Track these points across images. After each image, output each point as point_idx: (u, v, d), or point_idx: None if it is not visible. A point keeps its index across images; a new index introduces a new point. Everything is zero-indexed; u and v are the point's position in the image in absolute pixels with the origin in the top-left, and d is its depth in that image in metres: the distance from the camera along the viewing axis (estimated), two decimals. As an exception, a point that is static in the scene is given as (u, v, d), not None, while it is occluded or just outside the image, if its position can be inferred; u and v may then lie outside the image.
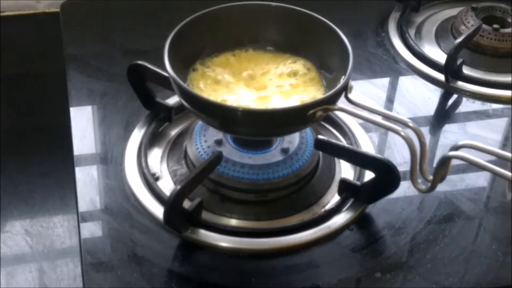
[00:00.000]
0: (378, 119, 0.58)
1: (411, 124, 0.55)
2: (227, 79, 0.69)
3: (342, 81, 0.62)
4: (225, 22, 0.71)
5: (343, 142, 0.75)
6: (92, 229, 0.67)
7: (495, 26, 0.90)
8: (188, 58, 0.70)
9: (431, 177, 0.54)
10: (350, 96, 0.62)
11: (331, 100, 0.61)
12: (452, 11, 0.98)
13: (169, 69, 0.63)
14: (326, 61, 0.70)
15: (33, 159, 0.88)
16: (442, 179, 0.53)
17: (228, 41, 0.71)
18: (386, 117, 0.58)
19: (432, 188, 0.54)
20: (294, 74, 0.70)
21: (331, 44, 0.68)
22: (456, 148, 0.50)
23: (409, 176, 0.57)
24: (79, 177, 0.71)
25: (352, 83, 0.63)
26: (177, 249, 0.65)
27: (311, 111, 0.60)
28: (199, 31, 0.69)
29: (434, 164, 0.62)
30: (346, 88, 0.61)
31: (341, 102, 0.64)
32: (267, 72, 0.71)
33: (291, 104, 0.66)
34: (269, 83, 0.69)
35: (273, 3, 0.71)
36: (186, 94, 0.63)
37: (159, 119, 0.76)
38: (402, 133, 0.56)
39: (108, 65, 0.85)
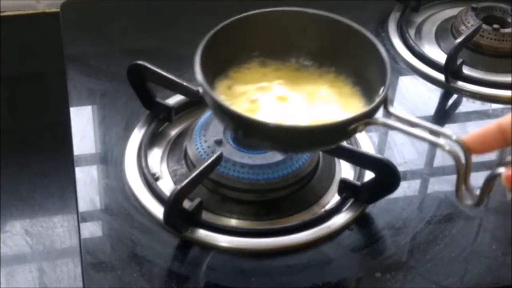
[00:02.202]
0: (420, 132, 0.56)
1: (454, 137, 0.53)
2: (260, 89, 0.66)
3: (381, 93, 0.60)
4: (256, 29, 0.67)
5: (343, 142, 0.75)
6: (92, 229, 0.67)
7: (495, 26, 0.90)
8: (217, 67, 0.65)
9: (477, 192, 0.53)
10: (390, 108, 0.60)
11: (371, 113, 0.59)
12: (452, 11, 0.98)
13: (201, 81, 0.59)
14: (363, 70, 0.66)
15: (33, 159, 0.88)
16: (489, 192, 0.52)
17: (259, 48, 0.68)
18: (428, 129, 0.57)
19: (479, 202, 0.53)
20: (331, 87, 0.67)
21: (367, 53, 0.64)
22: (502, 164, 0.49)
23: (454, 192, 0.54)
24: (79, 177, 0.71)
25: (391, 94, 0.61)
26: (177, 249, 0.65)
27: (352, 126, 0.58)
28: (230, 39, 0.65)
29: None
30: (385, 100, 0.60)
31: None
32: (303, 83, 0.67)
33: (331, 118, 0.62)
34: (304, 95, 0.66)
35: (306, 10, 0.67)
36: (220, 109, 0.59)
37: (159, 119, 0.76)
38: (447, 147, 0.53)
39: (108, 65, 0.85)
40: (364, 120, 0.58)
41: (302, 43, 0.68)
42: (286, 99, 0.65)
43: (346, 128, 0.58)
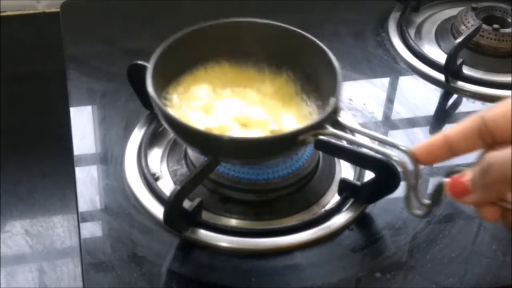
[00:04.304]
0: (369, 142, 0.57)
1: (402, 148, 0.53)
2: (210, 97, 0.67)
3: (331, 103, 0.60)
4: (209, 40, 0.69)
5: (343, 142, 0.75)
6: (92, 229, 0.67)
7: (495, 26, 0.90)
8: (170, 77, 0.68)
9: (426, 202, 0.52)
10: (339, 118, 0.60)
11: (321, 124, 0.59)
12: (452, 11, 0.98)
13: (152, 93, 0.61)
14: (316, 80, 0.67)
15: (33, 159, 0.88)
16: (438, 202, 0.51)
17: (210, 57, 0.70)
18: (378, 140, 0.58)
19: (428, 213, 0.52)
20: (277, 93, 0.68)
21: (320, 63, 0.65)
22: (451, 173, 0.50)
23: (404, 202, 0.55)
24: (79, 177, 0.71)
25: (341, 104, 0.61)
26: (177, 249, 0.65)
27: (301, 137, 0.58)
28: (182, 51, 0.67)
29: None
30: (335, 111, 0.60)
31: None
32: (250, 89, 0.69)
33: (275, 128, 0.64)
34: (252, 102, 0.67)
35: (259, 20, 0.69)
36: (169, 120, 0.61)
37: (159, 119, 0.76)
38: (396, 158, 0.54)
39: (108, 65, 0.85)
40: (313, 131, 0.59)
41: (257, 51, 0.70)
42: (236, 106, 0.66)
43: (295, 139, 0.58)
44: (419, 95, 0.85)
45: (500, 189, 0.46)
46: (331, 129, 0.59)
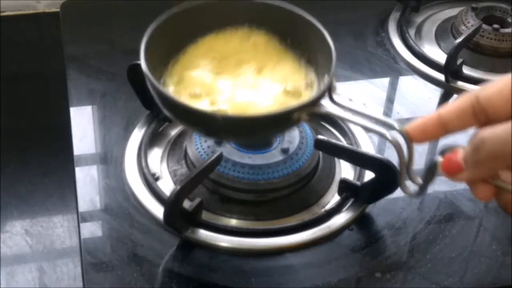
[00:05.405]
0: (364, 121, 0.57)
1: (397, 127, 0.53)
2: (208, 75, 0.65)
3: (326, 81, 0.59)
4: (198, 19, 0.67)
5: (343, 142, 0.75)
6: (92, 229, 0.67)
7: (495, 26, 0.90)
8: (162, 58, 0.67)
9: (419, 181, 0.53)
10: (334, 97, 0.60)
11: (314, 102, 0.58)
12: (452, 11, 0.98)
13: (146, 71, 0.60)
14: (313, 58, 0.65)
15: (33, 159, 0.88)
16: (431, 181, 0.51)
17: (210, 31, 0.67)
18: (373, 119, 0.57)
19: (421, 192, 0.52)
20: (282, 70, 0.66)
21: (316, 41, 0.64)
22: (444, 152, 0.49)
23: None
24: (79, 177, 0.71)
25: (340, 83, 0.60)
26: (177, 249, 0.65)
27: (295, 115, 0.57)
28: (174, 30, 0.66)
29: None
30: (329, 89, 0.60)
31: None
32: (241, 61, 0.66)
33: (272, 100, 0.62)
34: (255, 77, 0.65)
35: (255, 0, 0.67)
36: (161, 97, 0.60)
37: (159, 119, 0.76)
38: (389, 137, 0.54)
39: (108, 65, 0.85)
40: (307, 109, 0.58)
41: (254, 27, 0.67)
42: (236, 80, 0.64)
43: (289, 117, 0.57)
44: (419, 95, 0.85)
45: (493, 166, 0.45)
46: (324, 108, 0.58)
